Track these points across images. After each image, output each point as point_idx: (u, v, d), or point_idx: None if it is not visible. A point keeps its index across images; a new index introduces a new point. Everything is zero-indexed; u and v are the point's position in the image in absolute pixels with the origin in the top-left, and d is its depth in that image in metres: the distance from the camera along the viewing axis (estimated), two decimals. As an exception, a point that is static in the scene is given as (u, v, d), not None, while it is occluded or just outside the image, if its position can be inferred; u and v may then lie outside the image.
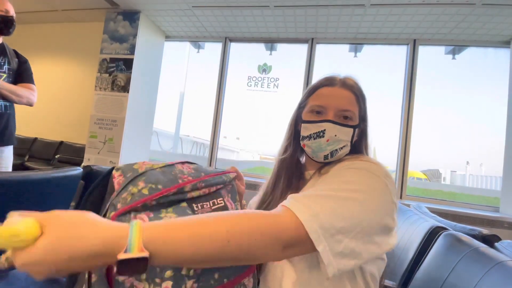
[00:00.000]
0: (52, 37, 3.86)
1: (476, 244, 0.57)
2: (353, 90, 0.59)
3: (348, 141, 0.58)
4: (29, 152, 3.65)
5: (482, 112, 3.68)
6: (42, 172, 0.95)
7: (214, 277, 0.39)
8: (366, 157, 0.58)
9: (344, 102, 0.58)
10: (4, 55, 1.39)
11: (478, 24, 2.53)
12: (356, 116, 0.59)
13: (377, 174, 0.47)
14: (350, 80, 0.61)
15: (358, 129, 0.60)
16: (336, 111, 0.58)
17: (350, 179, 0.46)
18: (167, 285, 0.36)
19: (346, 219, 0.39)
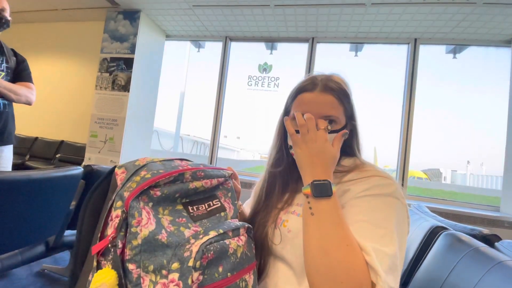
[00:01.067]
0: (52, 36, 3.86)
1: (476, 243, 0.57)
2: (334, 92, 0.57)
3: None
4: (30, 151, 3.66)
5: (483, 111, 3.68)
6: (42, 171, 0.95)
7: (219, 270, 0.40)
8: (375, 169, 0.55)
9: (326, 108, 0.56)
10: (2, 53, 1.38)
11: (479, 23, 2.53)
12: (341, 119, 0.57)
13: (401, 199, 0.50)
14: (331, 82, 0.58)
15: (347, 130, 0.59)
16: (318, 117, 0.56)
17: (385, 216, 0.47)
18: (174, 276, 0.37)
19: (394, 266, 0.43)
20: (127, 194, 0.41)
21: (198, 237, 0.41)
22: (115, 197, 0.43)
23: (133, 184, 0.43)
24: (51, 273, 1.63)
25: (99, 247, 0.39)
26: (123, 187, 0.43)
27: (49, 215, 1.04)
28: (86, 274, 0.45)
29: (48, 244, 1.19)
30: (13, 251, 1.02)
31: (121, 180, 0.46)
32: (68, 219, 1.18)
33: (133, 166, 0.48)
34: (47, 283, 1.53)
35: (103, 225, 0.43)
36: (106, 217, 0.43)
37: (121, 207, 0.41)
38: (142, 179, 0.43)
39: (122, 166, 0.49)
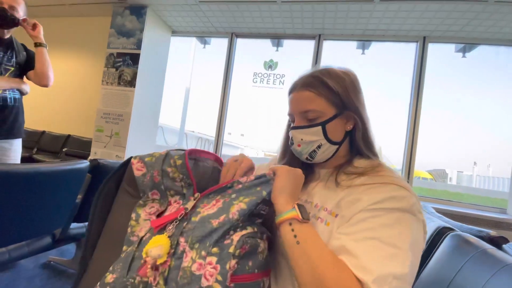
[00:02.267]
0: (60, 31, 3.89)
1: (484, 245, 0.57)
2: (311, 86, 0.56)
3: (321, 139, 0.55)
4: (37, 145, 3.72)
5: (491, 112, 3.61)
6: (51, 164, 0.96)
7: (249, 264, 0.42)
8: (392, 176, 0.50)
9: (303, 104, 0.56)
10: (12, 48, 1.40)
11: (490, 22, 2.47)
12: (324, 109, 0.55)
13: (418, 215, 0.45)
14: (310, 78, 0.57)
15: (339, 119, 0.56)
16: (299, 115, 0.57)
17: (399, 233, 0.43)
18: (212, 260, 0.40)
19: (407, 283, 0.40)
20: (170, 170, 0.48)
21: (236, 229, 0.44)
22: (165, 188, 0.49)
23: (175, 174, 0.49)
24: (57, 264, 1.66)
25: (163, 221, 0.44)
26: (163, 172, 0.48)
27: (56, 208, 1.06)
28: (99, 260, 0.47)
29: (54, 236, 1.21)
30: (20, 243, 1.04)
31: (138, 169, 0.50)
32: (75, 212, 1.20)
33: (150, 156, 0.52)
34: (53, 275, 1.56)
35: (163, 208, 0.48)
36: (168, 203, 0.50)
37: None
38: (180, 165, 0.50)
39: (136, 157, 0.52)
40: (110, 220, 0.50)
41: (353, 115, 0.56)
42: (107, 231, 0.49)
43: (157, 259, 0.40)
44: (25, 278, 1.46)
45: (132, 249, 0.43)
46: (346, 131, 0.57)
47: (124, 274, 0.41)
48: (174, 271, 0.40)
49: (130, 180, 0.50)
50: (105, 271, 0.43)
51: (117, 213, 0.50)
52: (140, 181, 0.49)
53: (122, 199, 0.51)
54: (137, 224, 0.47)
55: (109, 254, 0.46)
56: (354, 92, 0.56)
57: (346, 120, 0.57)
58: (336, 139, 0.56)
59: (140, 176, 0.49)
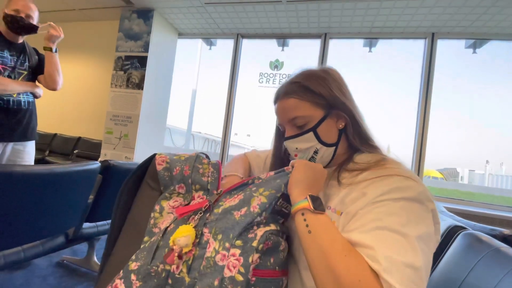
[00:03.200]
0: (70, 36, 3.96)
1: (497, 244, 0.56)
2: (293, 93, 0.55)
3: (315, 144, 0.54)
4: (49, 147, 3.81)
5: (503, 109, 3.52)
6: (64, 166, 0.99)
7: (270, 260, 0.43)
8: (398, 168, 0.49)
9: (288, 112, 0.56)
10: (24, 53, 1.45)
11: (501, 16, 2.41)
12: (312, 114, 0.54)
13: (427, 203, 0.44)
14: (289, 85, 0.57)
15: (329, 119, 0.55)
16: (288, 124, 0.57)
17: (406, 221, 0.41)
18: (235, 251, 0.41)
19: (418, 280, 0.38)
20: (203, 171, 0.52)
21: (260, 225, 0.45)
22: (192, 181, 0.51)
23: (206, 170, 0.52)
24: (70, 263, 1.70)
25: (186, 210, 0.46)
26: (193, 172, 0.51)
27: (69, 208, 1.09)
28: (121, 251, 0.50)
29: (67, 235, 1.24)
30: (35, 242, 1.07)
31: (162, 162, 0.53)
32: (87, 212, 1.23)
33: (176, 155, 0.56)
34: (66, 273, 1.60)
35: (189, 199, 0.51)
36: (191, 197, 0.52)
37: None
38: (210, 164, 0.55)
39: (161, 154, 0.56)
40: (132, 212, 0.52)
41: (341, 112, 0.54)
42: (129, 223, 0.52)
43: (184, 248, 0.41)
44: (39, 277, 1.50)
45: (157, 238, 0.45)
46: (340, 130, 0.56)
47: (148, 262, 0.42)
48: (198, 260, 0.42)
49: (153, 174, 0.53)
50: (126, 261, 0.44)
51: (139, 205, 0.52)
52: (162, 175, 0.51)
53: (144, 192, 0.53)
54: (160, 217, 0.49)
55: (131, 245, 0.48)
56: (338, 89, 0.55)
57: (337, 119, 0.55)
58: (331, 141, 0.55)
59: (161, 170, 0.52)
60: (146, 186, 0.53)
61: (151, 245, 0.44)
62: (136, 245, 0.47)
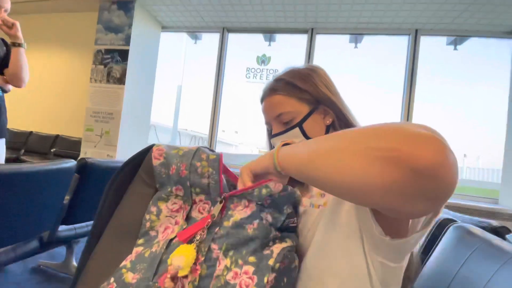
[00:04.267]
0: (45, 28, 3.75)
1: (489, 236, 0.55)
2: (278, 90, 0.55)
3: (302, 140, 0.53)
4: (25, 146, 3.60)
5: (481, 104, 3.66)
6: (34, 164, 0.91)
7: (284, 280, 0.39)
8: None
9: (274, 109, 0.56)
10: None
11: (481, 14, 2.48)
12: (297, 109, 0.54)
13: None
14: (274, 82, 0.57)
15: (315, 115, 0.54)
16: (274, 121, 0.57)
17: None
18: (248, 269, 0.37)
19: None
20: (201, 170, 0.43)
21: (276, 241, 0.40)
22: (190, 184, 0.44)
23: (204, 167, 0.44)
24: (48, 269, 1.60)
25: (190, 233, 0.39)
26: (191, 168, 0.43)
27: (42, 210, 1.01)
28: (104, 253, 0.44)
29: (42, 239, 1.16)
30: (5, 247, 0.98)
31: (159, 156, 0.46)
32: (62, 214, 1.15)
33: (175, 148, 0.47)
34: (43, 279, 1.51)
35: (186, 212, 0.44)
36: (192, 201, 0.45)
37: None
38: (210, 160, 0.44)
39: (159, 145, 0.48)
40: (120, 210, 0.46)
41: (328, 108, 0.54)
42: (115, 221, 0.46)
43: (179, 271, 0.36)
44: (13, 284, 1.41)
45: (160, 250, 0.39)
46: (327, 126, 0.55)
47: (150, 277, 0.37)
48: (206, 279, 0.37)
49: (148, 169, 0.46)
50: (111, 264, 0.40)
51: (130, 202, 0.46)
52: (158, 170, 0.45)
53: (136, 187, 0.47)
54: (158, 220, 0.43)
55: (117, 246, 0.43)
56: (324, 85, 0.55)
57: (324, 115, 0.55)
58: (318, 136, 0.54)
59: (157, 165, 0.45)
60: (140, 181, 0.47)
61: (153, 257, 0.39)
62: (123, 247, 0.42)
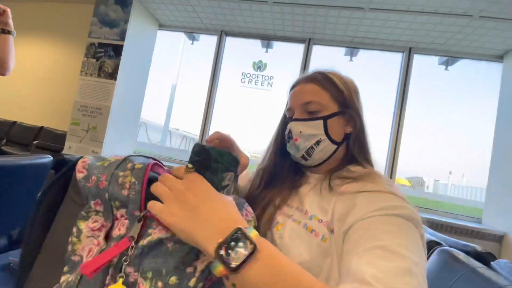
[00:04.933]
0: (37, 17, 3.66)
1: (473, 263, 0.54)
2: (316, 80, 0.55)
3: (321, 134, 0.52)
4: (7, 136, 3.46)
5: (468, 124, 3.76)
6: (6, 158, 0.86)
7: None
8: (391, 186, 0.45)
9: (306, 95, 0.55)
10: None
11: (474, 37, 2.56)
12: (327, 103, 0.53)
13: (419, 230, 0.40)
14: (314, 73, 0.57)
15: (340, 118, 0.54)
16: (299, 108, 0.55)
17: (407, 242, 0.36)
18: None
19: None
20: (128, 183, 0.37)
21: (199, 254, 0.35)
22: (109, 196, 0.38)
23: (126, 179, 0.38)
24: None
25: (97, 266, 0.31)
26: (111, 181, 0.38)
27: (12, 207, 0.95)
28: (37, 280, 0.40)
29: (11, 237, 1.09)
30: (-33, 245, 0.92)
31: (83, 169, 0.40)
32: (35, 212, 1.09)
33: (101, 160, 0.42)
34: (12, 277, 1.42)
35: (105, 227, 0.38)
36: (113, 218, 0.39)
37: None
38: (136, 169, 0.39)
39: (85, 158, 0.43)
40: (51, 232, 0.41)
41: (354, 116, 0.54)
42: (46, 247, 0.41)
43: None
44: (-23, 283, 1.32)
45: (75, 281, 0.34)
46: (346, 134, 0.55)
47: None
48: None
49: (75, 184, 0.41)
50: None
51: (58, 224, 0.41)
52: (82, 185, 0.40)
53: (66, 208, 0.42)
54: (79, 242, 0.38)
55: (49, 274, 0.38)
56: (356, 96, 0.56)
57: (346, 122, 0.55)
58: (336, 138, 0.54)
59: (81, 179, 0.40)
60: (69, 200, 0.42)
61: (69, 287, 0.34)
62: (53, 276, 0.37)
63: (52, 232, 0.41)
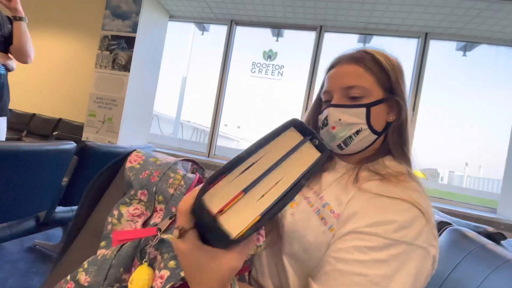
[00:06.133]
0: (52, 10, 3.74)
1: (483, 240, 0.55)
2: (361, 61, 0.48)
3: (362, 123, 0.47)
4: (27, 127, 3.62)
5: (486, 113, 3.62)
6: (34, 144, 0.92)
7: None
8: (413, 192, 0.42)
9: (348, 79, 0.48)
10: None
11: (493, 21, 2.44)
12: (372, 89, 0.47)
13: (428, 248, 0.37)
14: (359, 53, 0.50)
15: (384, 104, 0.48)
16: (340, 92, 0.49)
17: (393, 275, 0.35)
18: (164, 273, 0.36)
19: None
20: (173, 191, 0.43)
21: None
22: (156, 190, 0.43)
23: (176, 182, 0.44)
24: (43, 249, 1.62)
25: (126, 237, 0.39)
26: (160, 181, 0.43)
27: (39, 190, 1.01)
28: (77, 250, 0.45)
29: (38, 219, 1.17)
30: (1, 224, 0.99)
31: (134, 161, 0.47)
32: (60, 195, 1.16)
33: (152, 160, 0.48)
34: (37, 259, 1.52)
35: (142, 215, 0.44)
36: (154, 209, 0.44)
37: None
38: (185, 177, 0.44)
39: (140, 152, 0.49)
40: (95, 211, 0.47)
41: (400, 103, 0.48)
42: (90, 222, 0.47)
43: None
44: (9, 262, 1.42)
45: (111, 255, 0.39)
46: (387, 122, 0.49)
47: (100, 282, 0.38)
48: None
49: (123, 174, 0.47)
50: (80, 262, 0.41)
51: (102, 205, 0.47)
52: (126, 174, 0.45)
53: (110, 192, 0.48)
54: (119, 223, 0.43)
55: (86, 248, 0.44)
56: (402, 80, 0.50)
57: (389, 110, 0.49)
58: (377, 128, 0.48)
59: (128, 168, 0.46)
60: (115, 186, 0.48)
61: (104, 261, 0.39)
62: (91, 248, 0.43)
63: (96, 211, 0.47)
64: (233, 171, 0.27)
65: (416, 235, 0.36)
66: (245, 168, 0.28)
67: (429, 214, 0.39)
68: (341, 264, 0.37)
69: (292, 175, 0.29)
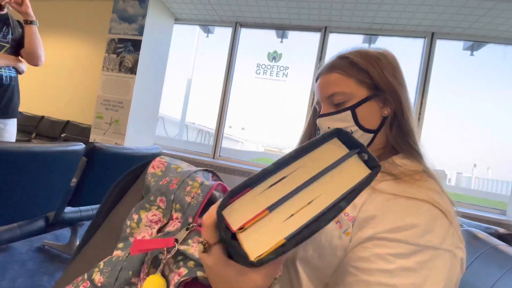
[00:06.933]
0: (60, 14, 3.81)
1: (494, 241, 0.54)
2: (336, 68, 0.50)
3: (351, 125, 0.48)
4: (36, 130, 3.68)
5: (495, 113, 3.56)
6: (44, 145, 0.93)
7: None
8: (432, 191, 0.40)
9: (328, 88, 0.50)
10: (8, 25, 1.36)
11: (500, 20, 2.41)
12: (353, 93, 0.48)
13: (454, 250, 0.35)
14: (336, 59, 0.51)
15: (373, 101, 0.48)
16: (326, 101, 0.51)
17: (422, 283, 0.33)
18: (182, 271, 0.36)
19: None
20: (190, 200, 0.43)
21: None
22: (174, 198, 0.44)
23: (194, 189, 0.44)
24: (52, 249, 1.64)
25: (145, 247, 0.37)
26: (179, 189, 0.44)
27: (49, 190, 1.03)
28: (93, 248, 0.47)
29: (48, 219, 1.18)
30: (11, 224, 1.01)
31: (157, 168, 0.47)
32: (69, 196, 1.17)
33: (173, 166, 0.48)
34: (46, 259, 1.54)
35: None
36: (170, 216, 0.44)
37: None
38: (203, 185, 0.44)
39: (165, 158, 0.50)
40: (114, 212, 0.49)
41: (389, 98, 0.48)
42: (108, 222, 0.48)
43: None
44: (18, 262, 1.44)
45: (123, 257, 0.40)
46: (384, 117, 0.49)
47: (112, 283, 0.38)
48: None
49: (144, 179, 0.48)
50: (95, 260, 0.42)
51: (122, 207, 0.48)
52: (147, 179, 0.46)
53: (130, 195, 0.49)
54: (137, 228, 0.44)
55: (105, 245, 0.45)
56: (391, 72, 0.49)
57: (383, 105, 0.49)
58: (370, 126, 0.48)
59: (150, 173, 0.47)
60: (134, 188, 0.49)
61: (116, 263, 0.40)
62: (108, 249, 0.44)
63: (114, 212, 0.48)
64: (260, 185, 0.25)
65: (441, 238, 0.35)
66: (274, 183, 0.25)
67: (452, 214, 0.37)
68: (365, 274, 0.35)
69: (331, 194, 0.25)
